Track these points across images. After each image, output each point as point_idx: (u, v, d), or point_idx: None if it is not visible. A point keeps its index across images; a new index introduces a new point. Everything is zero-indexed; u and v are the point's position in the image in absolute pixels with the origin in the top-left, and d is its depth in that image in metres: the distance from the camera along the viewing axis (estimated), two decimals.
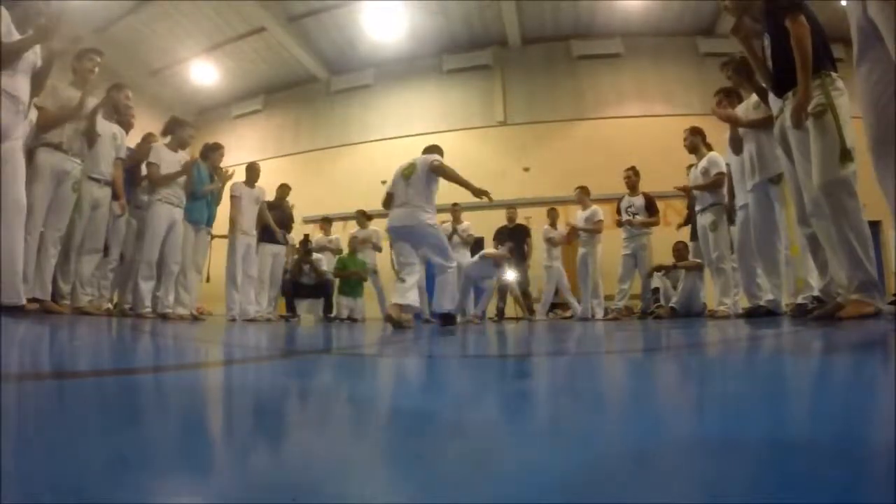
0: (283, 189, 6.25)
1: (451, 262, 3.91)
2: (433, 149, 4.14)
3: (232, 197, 5.45)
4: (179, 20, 9.28)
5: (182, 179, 4.58)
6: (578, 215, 6.69)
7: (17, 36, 2.83)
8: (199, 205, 4.87)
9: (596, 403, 0.64)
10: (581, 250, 6.58)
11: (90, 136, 3.77)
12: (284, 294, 6.70)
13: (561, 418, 0.54)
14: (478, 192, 3.85)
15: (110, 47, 9.04)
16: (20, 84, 2.88)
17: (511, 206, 7.44)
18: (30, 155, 3.32)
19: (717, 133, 4.14)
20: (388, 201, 4.04)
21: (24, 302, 2.91)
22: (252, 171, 5.72)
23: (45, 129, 3.46)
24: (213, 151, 5.25)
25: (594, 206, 6.59)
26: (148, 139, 4.91)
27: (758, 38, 2.83)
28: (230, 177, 5.38)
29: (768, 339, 1.79)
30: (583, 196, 6.70)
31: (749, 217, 3.63)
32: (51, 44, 3.00)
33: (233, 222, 5.40)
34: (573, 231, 6.68)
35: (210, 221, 5.12)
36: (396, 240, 4.00)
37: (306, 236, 7.21)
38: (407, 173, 3.95)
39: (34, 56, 2.96)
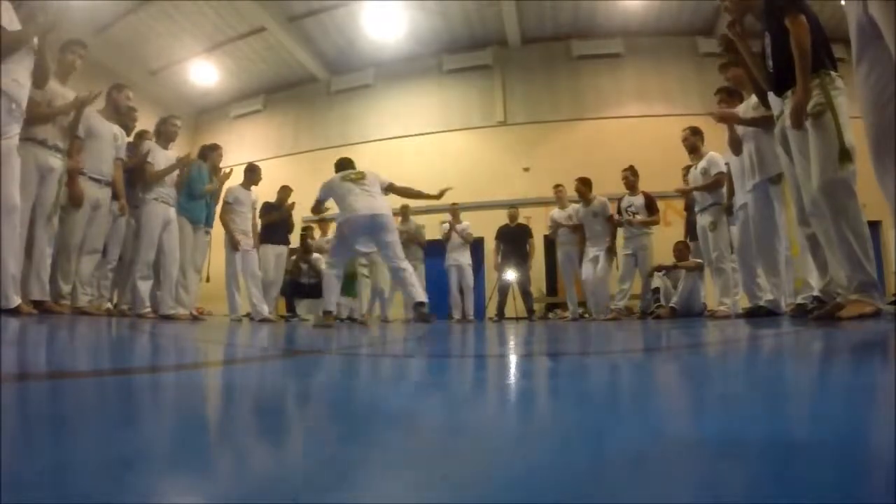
0: (285, 191, 6.22)
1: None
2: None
3: (225, 203, 5.36)
4: (179, 20, 9.28)
5: (174, 177, 4.55)
6: (557, 214, 6.64)
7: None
8: (199, 204, 4.87)
9: (594, 404, 0.64)
10: (565, 249, 6.56)
11: (71, 133, 3.68)
12: (284, 294, 6.69)
13: (559, 418, 0.54)
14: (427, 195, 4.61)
15: (110, 47, 9.11)
16: (13, 80, 2.81)
17: (513, 206, 7.43)
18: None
19: (716, 133, 4.14)
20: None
21: (13, 305, 2.84)
22: (252, 173, 5.63)
23: (31, 123, 3.26)
24: (211, 151, 5.24)
25: (574, 205, 6.57)
26: (142, 135, 4.90)
27: (758, 38, 2.83)
28: (228, 176, 5.35)
29: (768, 339, 1.79)
30: (561, 194, 6.65)
31: (749, 217, 3.63)
32: (40, 34, 2.91)
33: (227, 226, 5.32)
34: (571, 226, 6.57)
35: (209, 221, 5.11)
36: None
37: (304, 235, 7.18)
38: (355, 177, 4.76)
39: (29, 52, 2.89)
